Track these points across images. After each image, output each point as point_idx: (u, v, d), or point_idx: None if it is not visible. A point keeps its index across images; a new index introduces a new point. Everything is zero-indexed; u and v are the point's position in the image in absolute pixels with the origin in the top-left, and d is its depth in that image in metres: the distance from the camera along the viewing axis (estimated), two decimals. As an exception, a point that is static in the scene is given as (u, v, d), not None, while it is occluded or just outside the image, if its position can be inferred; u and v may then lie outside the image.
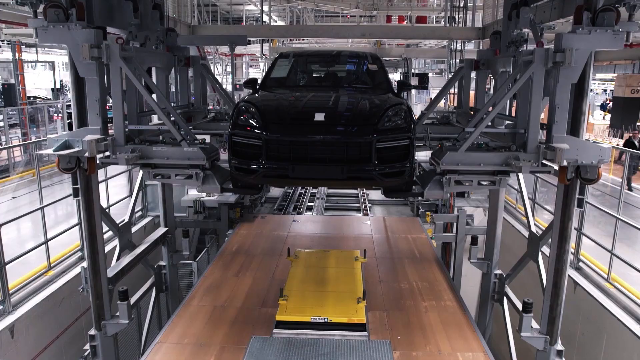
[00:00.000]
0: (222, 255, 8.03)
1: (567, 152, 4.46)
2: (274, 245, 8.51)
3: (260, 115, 4.71)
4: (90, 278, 5.45)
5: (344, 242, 8.69)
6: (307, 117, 4.79)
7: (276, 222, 9.93)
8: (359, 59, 6.60)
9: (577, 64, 4.44)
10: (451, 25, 14.23)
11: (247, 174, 4.74)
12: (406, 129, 4.68)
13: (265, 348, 5.25)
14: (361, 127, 4.64)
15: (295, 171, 4.59)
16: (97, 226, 5.40)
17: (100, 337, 5.63)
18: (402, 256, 8.09)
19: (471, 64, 6.57)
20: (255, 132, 4.63)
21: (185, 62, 6.81)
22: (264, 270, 7.39)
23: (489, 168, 4.86)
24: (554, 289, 5.24)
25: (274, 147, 4.60)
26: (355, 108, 5.10)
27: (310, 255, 7.28)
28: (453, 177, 4.86)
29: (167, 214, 7.70)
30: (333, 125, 4.66)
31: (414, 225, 9.84)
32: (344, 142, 4.57)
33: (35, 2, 4.94)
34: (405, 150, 4.65)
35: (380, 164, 4.56)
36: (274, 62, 6.51)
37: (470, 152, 4.84)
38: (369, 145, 4.53)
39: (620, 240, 7.04)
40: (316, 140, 4.58)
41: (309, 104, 5.20)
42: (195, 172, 5.01)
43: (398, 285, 6.96)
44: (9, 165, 13.55)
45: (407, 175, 4.73)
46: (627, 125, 18.67)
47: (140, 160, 4.98)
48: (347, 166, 4.57)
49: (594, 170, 4.62)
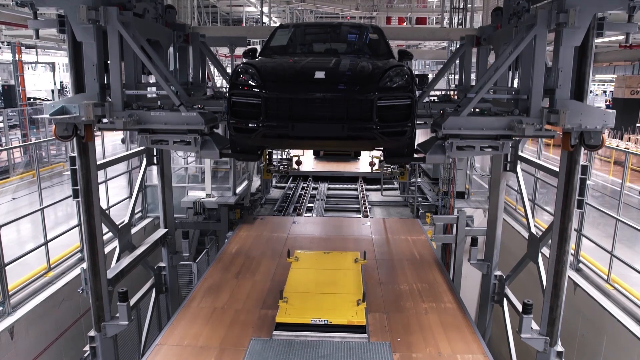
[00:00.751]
0: (222, 256, 8.03)
1: (570, 117, 4.39)
2: (273, 246, 8.51)
3: (259, 74, 4.66)
4: (90, 279, 5.45)
5: (343, 244, 8.69)
6: (307, 75, 4.73)
7: (276, 223, 9.93)
8: (360, 29, 6.52)
9: (581, 25, 4.35)
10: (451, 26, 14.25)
11: (247, 134, 4.65)
12: (408, 89, 4.62)
13: (265, 350, 5.24)
14: (362, 84, 4.59)
15: (295, 130, 4.53)
16: (97, 227, 5.40)
17: (100, 338, 5.62)
18: (402, 258, 8.09)
19: (472, 40, 6.46)
20: (254, 90, 4.57)
21: (185, 39, 6.69)
22: (263, 272, 7.38)
23: (492, 132, 4.79)
24: (554, 290, 5.24)
25: (273, 105, 4.53)
26: (356, 68, 5.03)
27: (310, 256, 7.27)
28: (455, 141, 4.77)
29: (166, 215, 7.70)
30: (333, 83, 4.61)
31: (414, 227, 9.83)
32: (345, 99, 4.51)
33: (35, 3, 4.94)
34: (406, 110, 4.59)
35: (381, 123, 4.51)
36: (273, 32, 6.40)
37: (472, 117, 4.79)
38: (370, 103, 4.48)
39: (620, 242, 7.03)
40: (316, 97, 4.52)
41: (309, 64, 5.13)
42: (194, 137, 4.91)
43: (398, 286, 6.95)
44: (9, 167, 13.54)
45: (408, 135, 4.66)
46: (627, 126, 18.68)
47: (138, 125, 4.90)
48: (347, 124, 4.51)
49: (598, 136, 4.55)
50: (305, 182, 14.40)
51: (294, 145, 6.87)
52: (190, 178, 11.36)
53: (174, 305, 7.91)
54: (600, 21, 4.66)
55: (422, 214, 11.13)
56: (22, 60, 18.43)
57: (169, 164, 7.71)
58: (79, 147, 5.08)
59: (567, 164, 4.96)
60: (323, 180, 14.59)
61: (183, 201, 9.87)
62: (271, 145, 5.37)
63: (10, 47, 17.73)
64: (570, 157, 4.93)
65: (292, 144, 5.49)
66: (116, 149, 16.28)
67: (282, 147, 6.26)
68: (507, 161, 6.72)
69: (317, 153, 17.43)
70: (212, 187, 10.09)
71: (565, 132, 4.64)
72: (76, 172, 5.24)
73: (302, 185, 14.06)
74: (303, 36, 6.43)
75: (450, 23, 14.53)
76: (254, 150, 5.16)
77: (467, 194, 11.70)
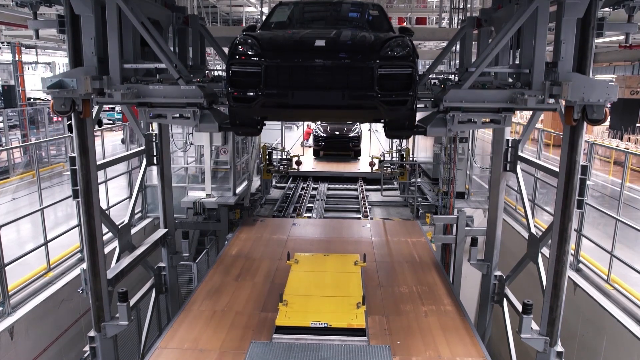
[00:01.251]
0: (222, 259, 8.03)
1: (573, 90, 4.36)
2: (273, 249, 8.52)
3: (258, 43, 4.64)
4: (89, 279, 5.44)
5: (343, 246, 8.68)
6: (307, 43, 4.71)
7: (276, 225, 9.93)
8: (361, 7, 6.46)
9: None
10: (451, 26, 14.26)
11: (246, 103, 4.62)
12: (409, 58, 4.58)
13: (265, 353, 5.24)
14: (363, 52, 4.57)
15: (294, 98, 4.52)
16: (97, 227, 5.40)
17: (100, 338, 5.62)
18: (402, 260, 8.09)
19: (473, 21, 6.39)
20: (254, 59, 4.54)
21: (184, 21, 6.64)
22: (263, 275, 7.38)
23: (494, 105, 4.76)
24: (554, 290, 5.24)
25: (273, 73, 4.51)
26: (356, 37, 5.00)
27: (309, 259, 7.27)
28: (457, 114, 4.74)
29: (166, 215, 7.69)
30: (334, 51, 4.58)
31: (414, 229, 9.83)
32: (345, 67, 4.49)
33: (35, 3, 4.94)
34: (407, 80, 4.56)
35: (382, 91, 4.48)
36: (273, 9, 6.36)
37: (474, 90, 4.77)
38: (370, 71, 4.45)
39: (620, 242, 7.03)
40: (316, 65, 4.49)
41: (309, 34, 5.10)
42: (193, 111, 4.89)
43: (398, 289, 6.96)
44: (9, 167, 13.53)
45: (409, 106, 4.62)
46: (627, 126, 18.67)
47: (137, 98, 4.87)
48: (348, 92, 4.49)
49: (601, 110, 4.50)
50: (305, 182, 14.40)
51: (294, 116, 6.84)
52: (190, 178, 11.36)
53: (173, 306, 7.91)
54: (600, 21, 4.65)
55: (422, 214, 11.13)
56: (22, 61, 18.44)
57: (169, 164, 7.71)
58: (77, 122, 5.02)
59: (567, 164, 4.96)
60: (323, 181, 14.59)
61: (183, 201, 9.87)
62: (271, 116, 5.30)
63: (10, 47, 17.74)
64: (571, 157, 4.93)
65: (292, 114, 5.43)
66: (116, 149, 16.29)
67: (282, 117, 6.21)
68: (507, 161, 6.71)
69: (317, 153, 17.45)
70: (212, 187, 10.09)
71: (567, 106, 4.61)
72: (76, 172, 5.24)
73: (302, 186, 14.06)
74: (303, 13, 6.36)
75: (450, 23, 14.55)
76: (253, 123, 5.06)
77: (467, 194, 11.70)
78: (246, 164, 11.54)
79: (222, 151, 10.52)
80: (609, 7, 5.02)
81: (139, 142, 7.65)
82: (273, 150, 13.79)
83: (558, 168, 5.23)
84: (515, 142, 6.61)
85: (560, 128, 5.33)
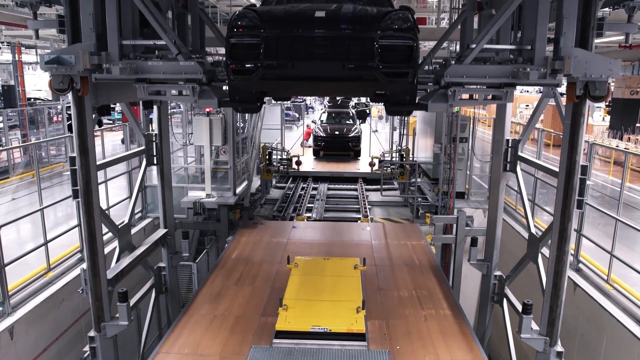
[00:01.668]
0: (222, 262, 8.04)
1: (576, 65, 4.34)
2: (273, 252, 8.52)
3: (258, 15, 4.62)
4: (89, 279, 5.44)
5: (343, 249, 8.69)
6: (307, 14, 4.68)
7: (276, 228, 9.93)
8: None
9: None
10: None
11: (245, 75, 4.59)
12: (410, 31, 4.55)
13: (265, 358, 5.25)
14: (364, 24, 4.56)
15: (294, 69, 4.50)
16: (97, 228, 5.39)
17: (100, 338, 5.62)
18: (402, 263, 8.10)
19: (474, 5, 6.33)
20: (253, 31, 4.52)
21: (184, 4, 6.58)
22: (263, 279, 7.39)
23: (495, 80, 4.73)
24: (554, 290, 5.24)
25: (272, 44, 4.48)
26: (357, 9, 4.97)
27: (309, 263, 7.26)
28: (458, 89, 4.71)
29: (166, 215, 7.69)
30: (334, 22, 4.56)
31: (414, 232, 9.84)
32: (346, 38, 4.46)
33: (35, 3, 4.93)
34: (408, 52, 4.52)
35: (382, 63, 4.46)
36: None
37: (475, 65, 4.74)
38: (371, 41, 4.43)
39: (620, 242, 7.03)
40: (316, 35, 4.47)
41: (309, 7, 5.05)
42: (192, 87, 4.85)
43: (397, 293, 6.96)
44: (9, 167, 13.53)
45: (410, 79, 4.58)
46: (627, 126, 18.67)
47: (135, 74, 4.84)
48: (349, 63, 4.47)
49: (604, 86, 4.49)
50: (305, 182, 14.40)
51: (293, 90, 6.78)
52: (190, 178, 11.37)
53: (173, 306, 7.92)
54: (600, 21, 4.65)
55: (422, 214, 11.13)
56: (22, 61, 18.44)
57: (169, 164, 7.71)
58: (75, 101, 5.00)
59: (567, 164, 4.96)
60: (323, 181, 14.60)
61: (183, 201, 9.87)
62: (271, 91, 5.28)
63: (10, 47, 17.74)
64: (571, 157, 4.93)
65: (292, 87, 5.31)
66: (116, 149, 16.29)
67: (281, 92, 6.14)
68: (507, 161, 6.72)
69: (317, 153, 17.46)
70: (211, 187, 10.09)
71: (569, 82, 4.59)
72: (76, 172, 5.23)
73: (302, 186, 14.06)
74: None
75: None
76: (253, 98, 4.99)
77: (467, 194, 11.70)
78: (246, 164, 11.54)
79: (222, 151, 10.53)
80: (609, 7, 5.03)
81: (138, 142, 7.65)
82: (273, 150, 13.80)
83: (558, 168, 5.23)
84: (515, 142, 6.62)
85: (560, 128, 5.32)
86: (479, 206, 11.20)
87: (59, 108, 19.64)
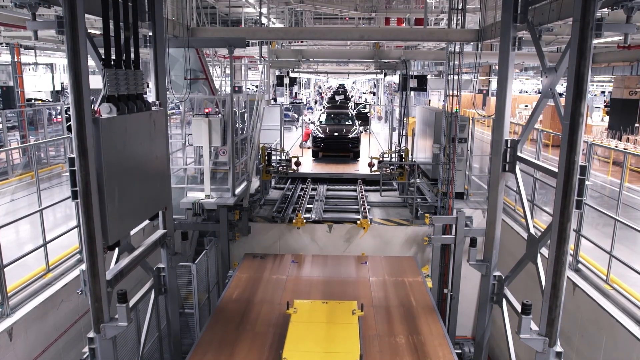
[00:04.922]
0: (223, 304, 8.31)
1: None
2: (273, 291, 8.86)
3: None
4: (89, 280, 5.43)
5: (342, 287, 9.04)
6: None
7: (275, 263, 10.18)
8: None
9: None
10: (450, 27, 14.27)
11: None
12: None
13: None
14: None
15: None
16: (96, 228, 5.39)
17: (99, 339, 5.61)
18: (399, 304, 8.44)
19: None
20: None
21: None
22: (264, 324, 7.65)
23: None
24: (553, 291, 5.24)
25: None
26: None
27: (308, 307, 7.42)
28: None
29: (166, 216, 7.67)
30: None
31: (410, 267, 10.13)
32: None
33: (34, 4, 4.93)
34: None
35: None
36: None
37: None
38: None
39: (619, 242, 7.04)
40: None
41: None
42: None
43: (394, 339, 7.24)
44: (8, 168, 13.53)
45: None
46: (626, 127, 18.68)
47: None
48: None
49: None
50: (304, 183, 14.40)
51: None
52: (189, 179, 11.36)
53: (173, 307, 7.91)
54: (599, 22, 4.65)
55: (421, 215, 11.15)
56: (20, 62, 18.40)
57: (169, 164, 7.69)
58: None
59: (566, 164, 4.97)
60: (322, 182, 14.59)
61: (182, 202, 9.87)
62: None
63: (9, 48, 17.72)
64: (569, 157, 4.93)
65: None
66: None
67: None
68: (506, 162, 6.72)
69: (316, 154, 17.44)
70: (211, 188, 10.09)
71: None
72: (75, 173, 5.23)
73: (301, 187, 14.06)
74: None
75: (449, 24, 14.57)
76: None
77: (466, 194, 11.72)
78: (245, 164, 11.54)
79: (221, 152, 10.53)
80: (608, 7, 5.04)
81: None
82: (272, 151, 13.80)
83: (557, 168, 5.24)
84: (514, 142, 6.62)
85: (559, 128, 5.32)
86: (478, 206, 11.22)
87: (59, 109, 19.66)
